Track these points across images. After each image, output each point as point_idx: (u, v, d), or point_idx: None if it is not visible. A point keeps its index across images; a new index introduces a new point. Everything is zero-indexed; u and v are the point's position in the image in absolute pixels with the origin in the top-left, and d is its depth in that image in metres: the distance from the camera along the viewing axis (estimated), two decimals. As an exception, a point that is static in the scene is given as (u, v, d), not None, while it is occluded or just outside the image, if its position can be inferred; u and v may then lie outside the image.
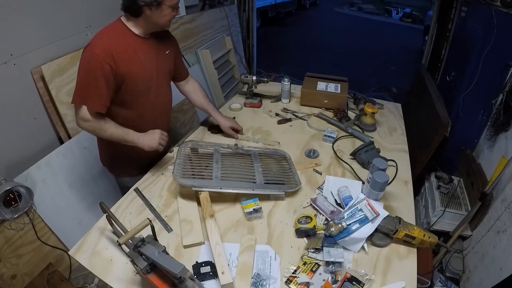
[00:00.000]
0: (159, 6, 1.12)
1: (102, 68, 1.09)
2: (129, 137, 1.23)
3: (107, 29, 1.18)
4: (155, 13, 1.13)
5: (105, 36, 1.14)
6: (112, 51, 1.11)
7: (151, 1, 1.10)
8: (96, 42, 1.12)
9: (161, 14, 1.14)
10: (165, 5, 1.13)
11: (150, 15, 1.14)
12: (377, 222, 1.01)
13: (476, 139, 2.01)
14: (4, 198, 1.42)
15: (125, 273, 0.92)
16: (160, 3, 1.11)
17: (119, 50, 1.13)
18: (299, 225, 1.05)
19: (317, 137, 1.62)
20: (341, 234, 0.99)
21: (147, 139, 1.25)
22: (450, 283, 1.76)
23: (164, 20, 1.18)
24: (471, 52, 2.32)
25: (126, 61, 1.15)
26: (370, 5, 11.70)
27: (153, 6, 1.11)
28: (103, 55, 1.09)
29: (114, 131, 1.20)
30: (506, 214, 1.48)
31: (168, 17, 1.18)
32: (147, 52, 1.24)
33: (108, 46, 1.11)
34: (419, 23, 8.79)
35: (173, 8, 1.16)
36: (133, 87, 1.21)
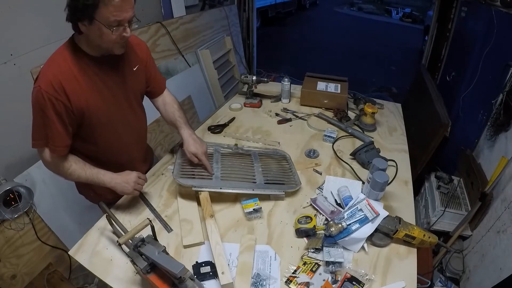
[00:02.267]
0: (92, 24, 0.87)
1: (53, 106, 0.93)
2: (99, 179, 1.06)
3: (58, 53, 0.98)
4: (90, 31, 0.90)
5: (54, 64, 0.95)
6: (62, 84, 0.92)
7: (80, 14, 0.87)
8: (44, 74, 0.93)
9: (98, 34, 0.90)
10: (99, 23, 0.86)
11: (87, 34, 0.91)
12: (377, 222, 1.01)
13: (476, 139, 2.01)
14: (4, 198, 1.43)
15: (125, 273, 0.92)
16: (91, 18, 0.86)
17: (71, 79, 0.94)
18: (299, 225, 1.05)
19: (317, 137, 1.62)
20: (341, 234, 0.99)
21: (120, 182, 1.07)
22: (450, 283, 1.76)
23: (104, 41, 0.92)
24: (471, 52, 2.31)
25: (80, 92, 0.97)
26: (370, 5, 11.70)
27: (84, 21, 0.87)
28: (51, 90, 0.91)
29: (81, 173, 1.05)
30: (506, 214, 1.48)
31: (107, 38, 0.90)
32: (107, 77, 1.04)
33: (57, 77, 0.92)
34: (419, 23, 8.79)
35: (114, 28, 0.89)
36: (94, 120, 1.03)
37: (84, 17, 0.87)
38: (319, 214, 1.14)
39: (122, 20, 0.89)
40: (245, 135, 1.61)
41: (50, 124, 0.96)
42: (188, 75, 2.73)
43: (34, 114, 0.97)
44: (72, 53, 0.97)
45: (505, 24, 1.90)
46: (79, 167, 1.05)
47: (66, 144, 1.01)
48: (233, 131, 1.65)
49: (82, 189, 1.31)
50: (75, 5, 0.86)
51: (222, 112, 1.84)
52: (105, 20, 0.87)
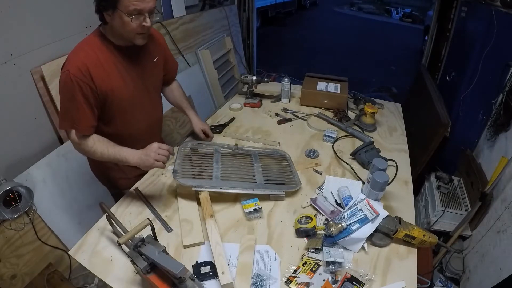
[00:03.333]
0: (115, 12, 0.95)
1: (80, 89, 1.00)
2: (121, 156, 1.09)
3: (85, 42, 1.06)
4: (114, 21, 0.97)
5: (81, 52, 1.02)
6: (89, 68, 1.00)
7: (104, 4, 0.95)
8: (71, 60, 1.00)
9: (120, 22, 0.97)
10: (121, 12, 0.94)
11: (111, 23, 0.99)
12: (377, 222, 1.01)
13: (476, 139, 2.01)
14: (4, 198, 1.43)
15: (125, 273, 0.92)
16: (114, 7, 0.94)
17: (97, 65, 1.02)
18: (299, 225, 1.05)
19: (317, 137, 1.62)
20: (341, 234, 0.99)
21: (140, 155, 1.08)
22: (450, 283, 1.76)
23: (125, 30, 0.99)
24: (471, 52, 2.32)
25: (105, 77, 1.05)
26: (370, 5, 11.70)
27: (108, 11, 0.95)
28: (79, 74, 0.98)
29: (104, 150, 1.08)
30: (506, 214, 1.48)
31: (128, 27, 0.97)
32: (130, 65, 1.12)
33: (84, 63, 0.99)
34: (419, 23, 8.79)
35: (134, 17, 0.95)
36: (116, 104, 1.12)
37: (108, 6, 0.94)
38: (319, 214, 1.14)
39: (142, 10, 0.96)
40: (245, 135, 1.61)
41: (78, 106, 1.02)
42: (188, 75, 2.74)
43: (62, 97, 1.03)
44: (99, 42, 1.05)
45: (505, 24, 1.90)
46: (102, 145, 1.09)
47: (92, 124, 1.08)
48: (233, 131, 1.65)
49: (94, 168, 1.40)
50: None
51: (222, 112, 1.84)
52: (126, 8, 0.93)
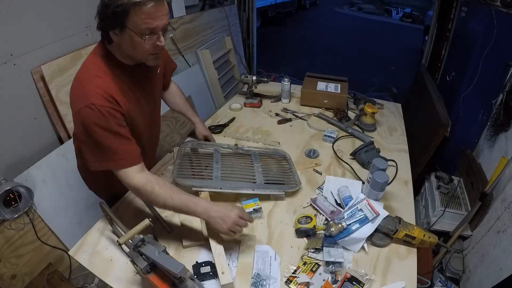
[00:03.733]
0: (123, 31, 0.83)
1: (114, 118, 0.88)
2: (190, 208, 0.92)
3: (92, 66, 0.91)
4: (122, 40, 0.86)
5: (96, 79, 0.89)
6: (111, 94, 0.88)
7: (110, 22, 0.82)
8: (88, 91, 0.86)
9: (130, 43, 0.85)
10: (131, 31, 0.82)
11: (119, 43, 0.88)
12: (377, 222, 1.01)
13: (476, 139, 2.01)
14: (4, 198, 1.43)
15: (125, 273, 0.92)
16: (123, 26, 0.82)
17: (115, 90, 0.90)
18: (299, 225, 1.05)
19: (317, 137, 1.62)
20: (341, 234, 0.99)
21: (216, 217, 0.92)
22: (450, 283, 1.76)
23: (138, 52, 0.88)
24: (471, 52, 2.32)
25: (126, 101, 0.95)
26: (370, 5, 11.70)
27: (115, 30, 0.83)
28: (107, 103, 0.86)
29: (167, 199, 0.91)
30: (506, 214, 1.48)
31: (142, 47, 0.86)
32: (141, 84, 1.03)
33: (104, 90, 0.87)
34: (419, 23, 8.79)
35: (146, 37, 0.83)
36: (135, 127, 1.02)
37: (115, 25, 0.82)
38: (319, 214, 1.14)
39: (155, 28, 0.84)
40: (245, 135, 1.61)
41: (120, 139, 0.90)
42: (188, 75, 2.74)
43: (95, 136, 0.87)
44: (108, 63, 0.92)
45: (505, 24, 1.90)
46: (165, 191, 0.92)
47: (139, 150, 0.95)
48: (233, 131, 1.65)
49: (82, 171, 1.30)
50: (105, 12, 0.81)
51: (222, 112, 1.84)
52: (137, 28, 0.82)
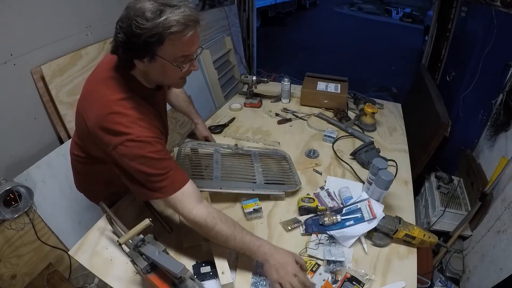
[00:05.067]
0: (153, 60, 0.77)
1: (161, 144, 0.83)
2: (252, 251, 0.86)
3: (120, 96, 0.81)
4: (150, 68, 0.81)
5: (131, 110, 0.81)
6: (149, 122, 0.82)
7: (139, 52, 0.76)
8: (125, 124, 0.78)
9: (161, 71, 0.81)
10: (162, 59, 0.77)
11: (146, 71, 0.83)
12: (372, 225, 1.01)
13: (476, 139, 2.01)
14: (4, 198, 1.42)
15: (125, 273, 0.92)
16: (153, 55, 0.76)
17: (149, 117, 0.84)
18: (302, 203, 1.11)
19: (317, 137, 1.62)
20: (333, 226, 1.02)
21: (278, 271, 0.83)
22: (450, 283, 1.76)
23: (169, 78, 0.85)
24: (471, 52, 2.31)
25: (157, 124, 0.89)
26: (370, 5, 11.70)
27: (144, 59, 0.77)
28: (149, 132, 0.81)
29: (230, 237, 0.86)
30: (506, 214, 1.48)
31: (174, 74, 0.82)
32: (160, 103, 0.99)
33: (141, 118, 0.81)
34: (419, 23, 8.79)
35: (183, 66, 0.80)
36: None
37: (145, 54, 0.76)
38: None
39: (189, 55, 0.80)
40: (245, 135, 1.61)
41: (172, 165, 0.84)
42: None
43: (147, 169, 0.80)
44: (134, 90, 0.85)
45: (505, 24, 1.90)
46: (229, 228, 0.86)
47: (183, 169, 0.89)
48: (233, 131, 1.65)
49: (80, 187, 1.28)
50: (134, 41, 0.73)
51: (222, 112, 1.84)
52: (171, 57, 0.77)
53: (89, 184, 1.21)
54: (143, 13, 0.71)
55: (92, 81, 0.89)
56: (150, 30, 0.71)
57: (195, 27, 0.76)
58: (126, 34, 0.74)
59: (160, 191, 0.84)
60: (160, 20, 0.70)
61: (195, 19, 0.75)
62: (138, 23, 0.71)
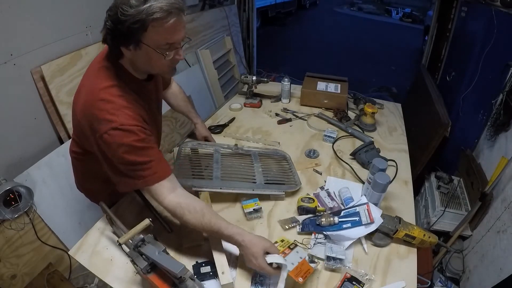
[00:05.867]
0: (138, 48, 0.79)
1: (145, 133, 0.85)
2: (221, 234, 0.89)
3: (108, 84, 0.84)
4: (137, 56, 0.82)
5: (118, 98, 0.83)
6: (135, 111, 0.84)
7: (123, 39, 0.77)
8: (111, 111, 0.80)
9: (147, 59, 0.82)
10: (148, 47, 0.78)
11: (133, 58, 0.84)
12: (369, 229, 1.01)
13: (476, 139, 2.01)
14: (4, 198, 1.42)
15: (125, 273, 0.92)
16: (138, 42, 0.78)
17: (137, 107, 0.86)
18: (302, 203, 1.11)
19: (317, 137, 1.62)
20: (330, 227, 1.02)
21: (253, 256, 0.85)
22: (450, 283, 1.76)
23: (156, 66, 0.85)
24: (471, 52, 2.32)
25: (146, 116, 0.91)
26: (370, 5, 11.69)
27: (129, 46, 0.79)
28: (134, 121, 0.82)
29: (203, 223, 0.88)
30: (506, 214, 1.48)
31: (160, 62, 0.83)
32: (152, 95, 1.00)
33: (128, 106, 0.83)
34: (419, 23, 8.79)
35: (167, 53, 0.81)
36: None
37: (130, 41, 0.78)
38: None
39: (174, 43, 0.81)
40: (245, 135, 1.61)
41: (156, 155, 0.86)
42: (188, 75, 2.74)
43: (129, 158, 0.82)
44: (123, 80, 0.87)
45: (505, 24, 1.90)
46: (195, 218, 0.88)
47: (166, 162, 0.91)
48: (233, 131, 1.65)
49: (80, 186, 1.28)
50: (119, 28, 0.75)
51: (222, 112, 1.84)
52: (155, 43, 0.78)
53: (88, 182, 1.22)
54: (128, 1, 0.74)
55: (86, 74, 0.92)
56: (134, 17, 0.73)
57: (179, 15, 0.78)
58: (113, 21, 0.76)
59: (140, 180, 0.86)
60: (144, 7, 0.73)
61: (178, 7, 0.77)
62: (123, 10, 0.73)
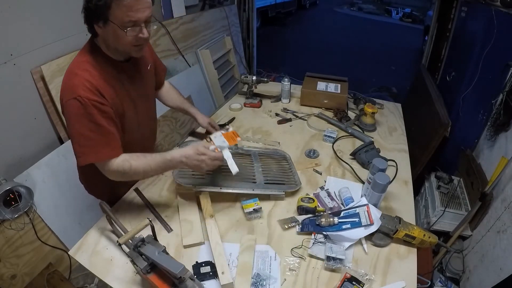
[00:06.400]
0: (107, 24, 0.86)
1: (99, 111, 0.90)
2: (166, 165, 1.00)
3: (81, 61, 0.93)
4: (106, 33, 0.88)
5: (84, 72, 0.91)
6: (98, 88, 0.90)
7: (93, 16, 0.85)
8: (76, 84, 0.88)
9: (114, 35, 0.88)
10: (113, 24, 0.85)
11: (104, 36, 0.90)
12: (369, 230, 1.01)
13: (476, 139, 2.01)
14: (4, 198, 1.43)
15: (125, 273, 0.92)
16: (106, 19, 0.84)
17: (103, 84, 0.93)
18: (302, 203, 1.11)
19: (317, 137, 1.62)
20: (329, 228, 1.02)
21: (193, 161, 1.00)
22: (450, 283, 1.76)
23: (121, 44, 0.90)
24: (471, 52, 2.31)
25: (114, 95, 0.97)
26: (370, 5, 11.69)
27: (99, 23, 0.86)
28: (93, 96, 0.88)
29: (146, 167, 0.97)
30: (506, 214, 1.48)
31: (124, 40, 0.88)
32: (132, 79, 1.05)
33: (92, 83, 0.90)
34: (419, 23, 8.79)
35: (128, 29, 0.86)
36: (127, 121, 1.05)
37: (98, 18, 0.85)
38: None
39: (137, 21, 0.86)
40: (245, 135, 1.61)
41: (103, 131, 0.92)
42: (188, 75, 2.74)
43: (80, 128, 0.90)
44: (97, 58, 0.94)
45: (505, 24, 1.90)
46: (139, 160, 0.97)
47: (120, 144, 0.98)
48: (233, 131, 1.65)
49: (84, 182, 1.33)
50: (89, 6, 0.84)
51: (222, 112, 1.85)
52: (119, 21, 0.84)
53: (89, 176, 1.24)
54: None
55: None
56: None
57: None
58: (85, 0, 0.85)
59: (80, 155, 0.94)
60: None
61: None
62: None
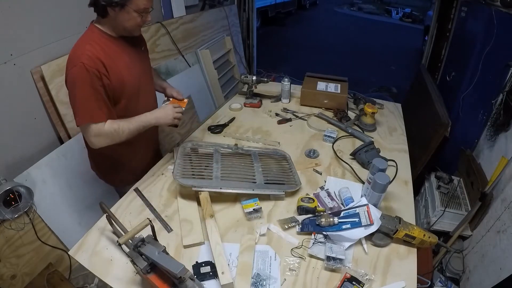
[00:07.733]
0: (123, 9, 1.05)
1: (98, 79, 1.05)
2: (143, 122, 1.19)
3: (85, 37, 1.11)
4: (120, 15, 1.06)
5: (88, 45, 1.07)
6: (101, 59, 1.06)
7: (112, 2, 1.03)
8: (81, 54, 1.04)
9: (127, 17, 1.07)
10: (130, 8, 1.05)
11: (115, 18, 1.08)
12: (369, 231, 1.01)
13: (476, 139, 2.01)
14: (4, 198, 1.43)
15: (125, 273, 0.92)
16: (123, 5, 1.04)
17: (106, 56, 1.08)
18: (302, 203, 1.11)
19: (317, 137, 1.62)
20: (329, 228, 1.02)
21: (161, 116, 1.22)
22: (450, 283, 1.76)
23: (130, 24, 1.10)
24: (471, 52, 2.32)
25: (115, 67, 1.11)
26: (370, 5, 11.69)
27: (116, 7, 1.04)
28: (94, 64, 1.04)
29: (129, 126, 1.15)
30: (506, 214, 1.48)
31: (134, 21, 1.09)
32: (128, 54, 1.19)
33: (95, 54, 1.05)
34: (419, 23, 8.78)
35: (139, 13, 1.08)
36: (125, 92, 1.17)
37: (117, 4, 1.02)
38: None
39: (148, 8, 1.09)
40: (245, 135, 1.61)
41: (97, 96, 1.07)
42: (188, 75, 2.74)
43: (79, 92, 1.05)
44: (99, 35, 1.11)
45: (505, 24, 1.90)
46: (123, 122, 1.14)
47: (110, 111, 1.13)
48: (233, 131, 1.65)
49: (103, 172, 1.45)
50: None
51: (222, 112, 1.85)
52: (137, 7, 1.05)
53: (100, 162, 1.39)
54: None
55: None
56: None
57: None
58: None
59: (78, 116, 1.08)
60: None
61: None
62: None
